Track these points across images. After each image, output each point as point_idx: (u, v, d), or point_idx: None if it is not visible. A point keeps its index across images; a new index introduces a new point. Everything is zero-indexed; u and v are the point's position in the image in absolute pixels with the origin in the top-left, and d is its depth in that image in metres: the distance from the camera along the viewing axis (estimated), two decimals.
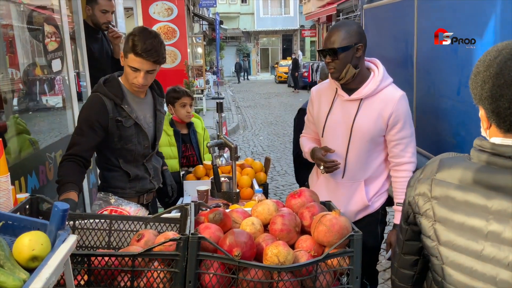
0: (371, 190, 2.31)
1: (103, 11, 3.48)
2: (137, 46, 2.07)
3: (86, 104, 2.24)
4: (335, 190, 2.31)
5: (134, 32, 2.12)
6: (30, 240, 1.06)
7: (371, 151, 2.23)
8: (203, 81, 13.20)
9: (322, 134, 2.30)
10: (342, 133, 2.22)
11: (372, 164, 2.27)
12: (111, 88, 2.20)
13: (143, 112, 2.32)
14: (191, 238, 1.34)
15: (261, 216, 1.61)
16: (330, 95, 2.29)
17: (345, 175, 2.27)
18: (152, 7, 8.82)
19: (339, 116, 2.23)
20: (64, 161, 2.11)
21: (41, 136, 3.03)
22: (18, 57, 2.94)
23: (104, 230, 1.66)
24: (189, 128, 3.52)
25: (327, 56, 2.14)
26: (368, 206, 2.31)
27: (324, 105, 2.30)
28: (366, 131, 2.17)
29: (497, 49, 1.15)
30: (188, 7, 13.83)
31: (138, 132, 2.27)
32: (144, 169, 2.37)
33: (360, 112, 2.18)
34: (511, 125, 1.12)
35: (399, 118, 2.16)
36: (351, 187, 2.29)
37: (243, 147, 9.02)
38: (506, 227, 1.08)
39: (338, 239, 1.42)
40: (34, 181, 2.46)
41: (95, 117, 2.14)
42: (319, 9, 26.40)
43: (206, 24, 23.22)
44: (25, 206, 1.47)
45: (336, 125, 2.24)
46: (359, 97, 2.18)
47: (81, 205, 3.18)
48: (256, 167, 3.23)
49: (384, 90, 2.18)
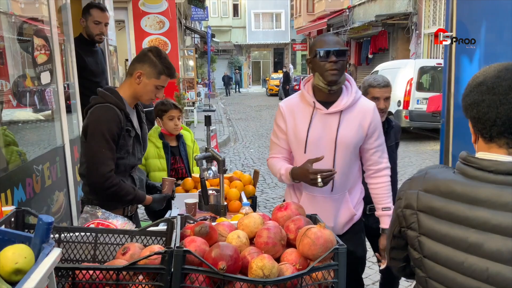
0: (354, 199, 2.36)
1: (96, 22, 3.51)
2: (170, 68, 2.26)
3: (103, 118, 2.18)
4: (322, 205, 2.28)
5: (157, 54, 2.25)
6: (14, 253, 1.06)
7: (351, 161, 2.28)
8: (194, 93, 13.24)
9: (305, 150, 2.24)
10: (326, 146, 2.22)
11: (353, 174, 2.33)
12: (117, 99, 2.23)
13: (136, 123, 2.38)
14: (176, 252, 1.34)
15: (247, 229, 1.62)
16: (307, 110, 2.25)
17: (334, 188, 2.27)
18: (144, 20, 8.87)
19: (321, 130, 2.22)
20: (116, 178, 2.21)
21: (29, 148, 3.02)
22: (8, 68, 2.95)
23: (90, 243, 1.65)
24: (178, 140, 3.53)
25: (331, 57, 2.11)
26: (354, 216, 2.35)
27: (301, 121, 2.25)
28: (349, 142, 2.21)
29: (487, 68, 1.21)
30: (180, 21, 13.91)
31: (135, 143, 2.33)
32: (131, 180, 2.38)
33: (342, 124, 2.21)
34: (491, 133, 1.15)
35: (377, 126, 2.26)
36: (338, 199, 2.31)
37: (234, 160, 9.02)
38: (486, 240, 1.11)
39: (323, 252, 1.43)
40: (20, 194, 2.44)
41: (116, 129, 2.18)
42: (310, 23, 26.73)
43: (198, 37, 23.34)
44: (10, 219, 1.46)
45: (319, 140, 2.22)
46: (339, 110, 2.20)
47: (68, 217, 3.16)
48: (244, 180, 3.24)
49: (359, 102, 2.25)
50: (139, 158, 2.42)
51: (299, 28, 29.70)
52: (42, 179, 2.75)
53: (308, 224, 1.60)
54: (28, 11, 3.31)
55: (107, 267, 1.38)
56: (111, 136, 2.17)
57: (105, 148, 2.16)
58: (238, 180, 3.20)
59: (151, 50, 2.28)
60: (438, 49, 14.31)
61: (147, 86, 2.25)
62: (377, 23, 16.67)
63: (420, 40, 15.09)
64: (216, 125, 13.29)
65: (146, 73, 2.22)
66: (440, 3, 14.16)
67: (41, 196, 2.72)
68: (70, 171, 3.20)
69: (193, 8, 18.28)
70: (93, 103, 2.24)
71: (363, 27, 18.25)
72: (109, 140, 2.16)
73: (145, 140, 2.47)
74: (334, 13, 22.41)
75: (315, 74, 2.20)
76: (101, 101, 2.22)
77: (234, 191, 2.97)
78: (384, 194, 2.32)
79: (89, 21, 3.52)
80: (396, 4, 16.62)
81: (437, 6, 14.39)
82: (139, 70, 2.23)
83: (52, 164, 2.93)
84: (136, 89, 2.27)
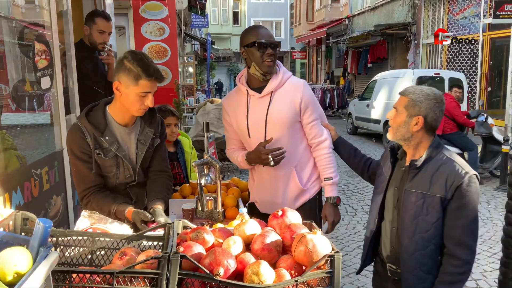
0: (304, 175, 2.53)
1: (100, 32, 3.53)
2: (147, 69, 2.03)
3: (69, 137, 2.19)
4: (271, 183, 2.51)
5: (132, 58, 2.06)
6: (12, 255, 1.07)
7: (293, 138, 2.45)
8: (193, 99, 13.26)
9: (249, 135, 2.47)
10: (263, 126, 2.42)
11: (298, 151, 2.49)
12: (94, 118, 2.16)
13: (128, 142, 2.27)
14: (173, 257, 1.36)
15: (243, 236, 1.64)
16: (243, 99, 2.48)
17: (277, 166, 2.40)
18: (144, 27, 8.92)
19: (257, 113, 2.43)
20: (91, 196, 2.18)
21: (28, 152, 3.03)
22: (8, 73, 2.96)
23: (87, 247, 1.66)
24: (176, 146, 3.54)
25: (268, 50, 2.33)
26: (304, 192, 2.53)
27: (240, 110, 2.48)
28: (281, 118, 2.39)
29: None
30: (180, 27, 13.98)
31: (118, 163, 2.24)
32: (126, 194, 2.34)
33: (273, 103, 2.41)
34: None
35: (309, 101, 2.44)
36: (285, 175, 2.49)
37: (232, 166, 9.02)
38: None
39: (317, 259, 1.45)
40: (18, 198, 2.45)
41: (79, 149, 2.15)
42: (309, 32, 26.86)
43: (198, 44, 23.43)
44: (8, 222, 1.47)
45: (257, 122, 2.43)
46: (269, 91, 2.41)
47: (66, 222, 3.17)
48: (242, 186, 3.24)
49: (288, 81, 2.45)
50: (130, 176, 2.28)
51: (298, 37, 29.83)
52: (41, 183, 2.76)
53: (303, 230, 1.62)
54: (29, 16, 3.33)
55: (104, 271, 1.39)
56: (78, 156, 2.15)
57: (76, 167, 2.17)
58: (235, 186, 3.21)
59: (125, 55, 2.09)
60: (437, 59, 14.40)
61: (129, 96, 2.08)
62: (376, 33, 16.77)
63: (419, 50, 15.18)
64: None
65: (123, 82, 2.07)
66: (439, 13, 14.27)
67: (39, 200, 2.73)
68: (68, 175, 3.21)
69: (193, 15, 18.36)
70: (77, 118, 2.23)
71: (362, 37, 18.36)
72: (77, 159, 2.15)
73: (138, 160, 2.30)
74: (334, 22, 22.54)
75: (251, 64, 2.39)
76: (78, 119, 2.19)
77: (231, 198, 2.98)
78: (325, 165, 2.48)
79: (93, 30, 3.53)
80: (395, 14, 16.75)
81: (435, 17, 14.50)
82: (116, 80, 2.09)
83: (50, 169, 2.94)
84: (121, 102, 2.14)
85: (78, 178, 2.18)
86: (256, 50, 2.34)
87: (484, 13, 11.89)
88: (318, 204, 2.63)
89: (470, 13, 12.75)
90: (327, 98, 17.59)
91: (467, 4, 12.89)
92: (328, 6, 23.88)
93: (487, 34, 12.02)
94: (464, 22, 13.02)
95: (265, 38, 2.36)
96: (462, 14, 13.15)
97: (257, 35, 2.37)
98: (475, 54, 12.47)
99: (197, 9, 14.68)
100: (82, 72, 3.54)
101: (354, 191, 7.17)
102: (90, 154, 2.16)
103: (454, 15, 13.50)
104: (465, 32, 12.84)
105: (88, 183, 2.17)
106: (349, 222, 5.70)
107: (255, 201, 2.69)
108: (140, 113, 2.19)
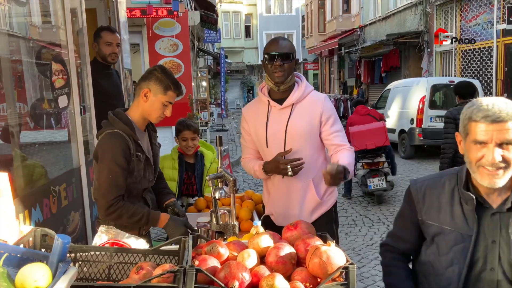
0: (321, 188, 2.50)
1: (108, 43, 3.64)
2: (176, 83, 2.27)
3: (110, 145, 2.21)
4: (290, 195, 2.50)
5: (162, 71, 2.27)
6: (32, 271, 1.10)
7: (311, 150, 2.45)
8: (207, 113, 13.37)
9: (267, 144, 2.48)
10: (283, 138, 2.43)
11: (316, 163, 2.49)
12: (126, 124, 2.25)
13: (147, 145, 2.40)
14: (188, 270, 1.37)
15: (258, 248, 1.64)
16: (264, 109, 2.50)
17: (295, 177, 2.40)
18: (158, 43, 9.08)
19: (277, 124, 2.45)
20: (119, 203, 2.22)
21: (46, 169, 3.09)
22: (26, 92, 3.05)
23: (105, 262, 1.69)
24: (196, 158, 3.61)
25: (276, 60, 2.33)
26: (321, 204, 2.51)
27: (260, 120, 2.50)
28: (301, 130, 2.41)
29: None
30: (193, 43, 14.16)
31: (146, 166, 2.35)
32: (144, 201, 2.43)
33: (293, 116, 2.42)
34: None
35: (330, 113, 2.45)
36: (302, 187, 2.48)
37: (247, 179, 9.04)
38: None
39: (332, 271, 1.45)
40: (38, 214, 2.50)
41: (123, 156, 2.20)
42: (321, 43, 26.92)
43: (210, 58, 23.66)
44: (28, 239, 1.51)
45: (276, 132, 2.44)
46: (290, 103, 2.43)
47: (83, 237, 3.21)
48: (256, 199, 3.26)
49: (310, 95, 2.48)
50: (151, 180, 2.43)
51: (310, 48, 29.91)
52: (59, 200, 2.81)
53: (317, 242, 1.62)
54: (46, 36, 3.43)
55: (121, 285, 1.41)
56: (119, 163, 2.19)
57: (114, 174, 2.19)
58: (249, 199, 3.22)
59: (155, 68, 2.30)
60: (451, 66, 14.28)
61: (155, 104, 2.26)
62: (388, 42, 16.73)
63: (432, 57, 15.09)
64: (229, 144, 13.36)
65: (152, 90, 2.24)
66: (451, 20, 14.19)
67: (58, 217, 2.78)
68: (86, 191, 3.26)
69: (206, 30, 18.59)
70: (103, 129, 2.28)
71: (375, 46, 18.33)
72: (117, 166, 2.19)
73: (156, 162, 2.49)
74: (345, 33, 22.56)
75: (266, 75, 2.45)
76: (110, 128, 2.25)
77: (246, 211, 2.99)
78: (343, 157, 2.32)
79: (101, 44, 3.64)
80: (407, 23, 16.70)
81: (448, 24, 14.42)
82: (145, 88, 2.25)
83: (68, 185, 2.99)
84: (144, 108, 2.28)
85: (111, 185, 2.20)
86: (266, 61, 2.40)
87: (497, 19, 11.78)
88: (334, 216, 2.62)
89: (483, 19, 12.65)
90: (340, 108, 17.54)
91: (479, 11, 12.80)
92: (340, 17, 23.95)
93: (501, 40, 11.89)
94: (478, 29, 12.91)
95: (273, 50, 2.37)
96: (475, 20, 13.05)
97: (268, 47, 2.41)
98: (490, 61, 12.34)
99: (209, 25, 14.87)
100: (97, 89, 3.62)
101: (370, 202, 7.11)
102: (130, 160, 2.24)
103: (467, 22, 13.41)
104: (478, 39, 12.73)
105: (120, 190, 2.22)
106: (366, 233, 5.65)
107: (270, 213, 2.70)
108: (158, 121, 2.35)
